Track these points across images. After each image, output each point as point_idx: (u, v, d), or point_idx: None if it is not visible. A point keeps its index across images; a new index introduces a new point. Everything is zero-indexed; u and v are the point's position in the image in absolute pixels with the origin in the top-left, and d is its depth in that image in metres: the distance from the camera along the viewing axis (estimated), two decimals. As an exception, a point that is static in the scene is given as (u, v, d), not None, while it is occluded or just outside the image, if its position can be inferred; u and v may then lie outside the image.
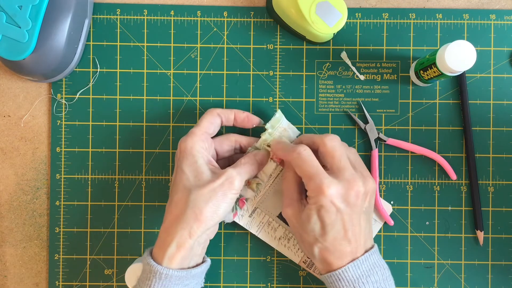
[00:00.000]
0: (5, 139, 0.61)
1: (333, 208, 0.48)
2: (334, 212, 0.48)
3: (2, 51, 0.53)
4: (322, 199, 0.48)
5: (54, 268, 0.60)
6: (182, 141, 0.52)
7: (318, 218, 0.49)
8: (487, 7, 0.61)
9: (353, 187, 0.49)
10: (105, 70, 0.61)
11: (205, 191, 0.49)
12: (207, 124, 0.53)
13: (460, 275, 0.60)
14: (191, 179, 0.50)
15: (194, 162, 0.50)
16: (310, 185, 0.49)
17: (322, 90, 0.61)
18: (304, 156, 0.50)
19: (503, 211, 0.61)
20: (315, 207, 0.49)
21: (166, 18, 0.61)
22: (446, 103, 0.61)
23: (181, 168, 0.51)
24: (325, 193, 0.48)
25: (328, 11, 0.54)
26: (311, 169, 0.49)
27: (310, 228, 0.49)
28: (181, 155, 0.51)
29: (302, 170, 0.50)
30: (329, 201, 0.48)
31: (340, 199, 0.48)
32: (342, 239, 0.49)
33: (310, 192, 0.49)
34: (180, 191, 0.50)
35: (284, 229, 0.58)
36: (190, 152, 0.51)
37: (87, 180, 0.61)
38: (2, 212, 0.61)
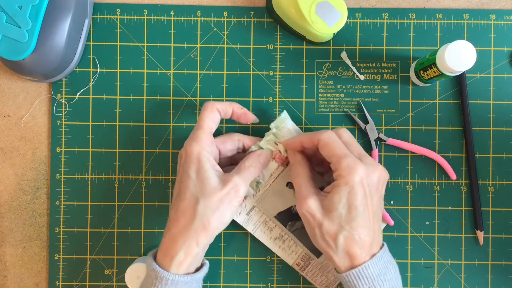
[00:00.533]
0: (5, 139, 0.61)
1: (362, 190, 0.48)
2: (362, 195, 0.48)
3: (2, 51, 0.53)
4: (354, 178, 0.47)
5: (54, 268, 0.60)
6: (188, 146, 0.51)
7: (347, 200, 0.48)
8: (487, 7, 0.61)
9: (375, 171, 0.49)
10: (105, 70, 0.61)
11: (213, 201, 0.49)
12: (210, 123, 0.52)
13: (460, 275, 0.60)
14: (197, 186, 0.49)
15: (200, 167, 0.50)
16: (341, 164, 0.48)
17: (322, 90, 0.61)
18: (334, 137, 0.50)
19: (503, 211, 0.61)
20: (344, 188, 0.48)
21: (166, 18, 0.61)
22: (446, 103, 0.61)
23: (188, 173, 0.50)
24: (357, 171, 0.47)
25: (328, 11, 0.54)
26: (341, 150, 0.49)
27: (337, 214, 0.48)
28: (187, 160, 0.50)
29: (332, 150, 0.49)
30: (360, 181, 0.48)
31: (367, 181, 0.48)
32: (366, 227, 0.48)
33: (341, 171, 0.48)
34: (187, 199, 0.49)
35: (280, 230, 0.58)
36: (197, 158, 0.50)
37: (87, 180, 0.61)
38: (2, 212, 0.61)
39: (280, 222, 0.58)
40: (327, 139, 0.50)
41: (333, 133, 0.51)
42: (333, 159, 0.49)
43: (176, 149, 0.61)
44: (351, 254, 0.48)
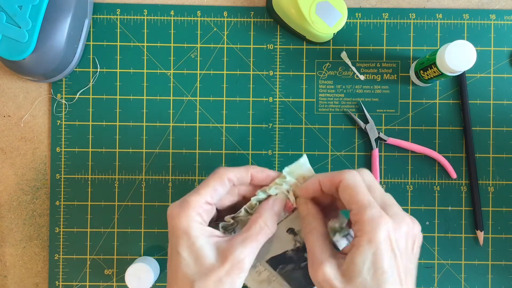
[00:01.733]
0: (5, 139, 0.61)
1: (389, 248, 0.38)
2: (390, 254, 0.38)
3: (2, 51, 0.53)
4: (379, 234, 0.38)
5: (54, 268, 0.60)
6: (174, 216, 0.41)
7: (372, 263, 0.38)
8: (487, 7, 0.61)
9: (402, 224, 0.39)
10: (105, 70, 0.61)
11: (210, 283, 0.40)
12: (210, 191, 0.42)
13: (460, 275, 0.60)
14: (191, 264, 0.40)
15: (192, 244, 0.40)
16: (363, 216, 0.39)
17: (322, 90, 0.61)
18: (359, 180, 0.41)
19: (503, 211, 0.61)
20: (368, 248, 0.38)
21: (166, 18, 0.61)
22: (446, 103, 0.61)
23: (177, 251, 0.41)
24: (383, 226, 0.38)
25: (328, 11, 0.54)
26: (364, 196, 0.40)
27: (361, 281, 0.38)
28: (174, 235, 0.41)
29: (354, 195, 0.40)
30: (386, 238, 0.38)
31: (394, 236, 0.39)
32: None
33: (363, 226, 0.39)
34: (180, 281, 0.41)
35: (268, 273, 0.51)
36: (186, 232, 0.40)
37: (87, 180, 0.61)
38: (2, 212, 0.61)
39: (271, 266, 0.51)
40: (350, 180, 0.41)
41: (358, 174, 0.41)
42: (354, 207, 0.40)
43: (176, 149, 0.61)
44: None
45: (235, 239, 0.41)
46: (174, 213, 0.41)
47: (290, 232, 0.49)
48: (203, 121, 0.61)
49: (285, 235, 0.49)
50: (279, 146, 0.61)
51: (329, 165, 0.60)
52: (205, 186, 0.42)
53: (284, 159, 0.61)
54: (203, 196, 0.42)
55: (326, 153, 0.61)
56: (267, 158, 0.61)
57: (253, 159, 0.61)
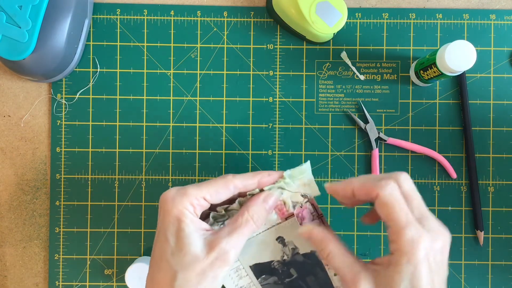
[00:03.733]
0: (5, 139, 0.61)
1: (427, 267, 0.38)
2: (428, 273, 0.38)
3: (2, 51, 0.53)
4: (418, 254, 0.38)
5: (54, 268, 0.60)
6: (167, 199, 0.41)
7: (410, 282, 0.38)
8: (487, 7, 0.61)
9: (439, 239, 0.39)
10: (105, 70, 0.61)
11: (193, 274, 0.39)
12: (211, 190, 0.42)
13: (460, 275, 0.60)
14: (176, 254, 0.40)
15: (180, 230, 0.40)
16: (402, 236, 0.38)
17: (322, 90, 0.61)
18: (397, 195, 0.39)
19: (503, 211, 0.61)
20: (407, 267, 0.38)
21: (166, 18, 0.61)
22: (446, 103, 0.61)
23: (165, 235, 0.40)
24: (422, 245, 0.38)
25: (328, 11, 0.54)
26: (403, 215, 0.39)
27: None
28: (165, 218, 0.41)
29: (393, 214, 0.39)
30: (425, 257, 0.38)
31: (432, 253, 0.39)
32: None
33: (402, 245, 0.38)
34: (164, 270, 0.40)
35: (250, 280, 0.49)
36: (177, 217, 0.40)
37: (87, 180, 0.61)
38: (2, 212, 0.61)
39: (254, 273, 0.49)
40: (388, 197, 0.39)
41: (397, 188, 0.40)
42: (392, 225, 0.39)
43: (176, 149, 0.61)
44: None
45: (221, 231, 0.41)
46: (169, 197, 0.41)
47: (279, 241, 0.48)
48: (203, 121, 0.61)
49: (274, 243, 0.48)
50: (279, 146, 0.61)
51: (329, 165, 0.60)
52: (208, 185, 0.42)
53: (284, 159, 0.61)
54: (203, 192, 0.41)
55: (326, 153, 0.61)
56: (267, 158, 0.61)
57: (253, 159, 0.61)
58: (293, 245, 0.49)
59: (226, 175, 0.43)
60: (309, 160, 0.51)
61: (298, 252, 0.49)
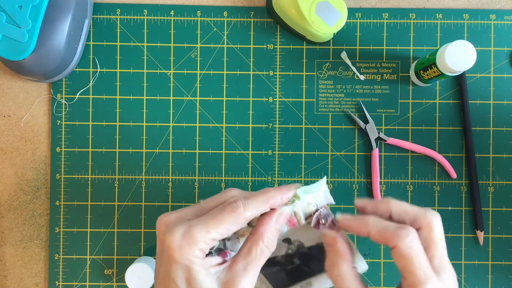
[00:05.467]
0: (5, 139, 0.61)
1: None
2: None
3: (2, 51, 0.53)
4: None
5: (54, 268, 0.60)
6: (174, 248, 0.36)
7: None
8: (487, 7, 0.61)
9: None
10: (105, 70, 0.61)
11: None
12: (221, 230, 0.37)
13: (460, 275, 0.60)
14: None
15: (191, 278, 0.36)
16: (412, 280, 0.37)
17: (322, 90, 0.61)
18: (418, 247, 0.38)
19: (503, 211, 0.61)
20: None
21: (166, 18, 0.61)
22: (446, 103, 0.61)
23: (174, 281, 0.37)
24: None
25: (328, 11, 0.54)
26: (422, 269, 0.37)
27: None
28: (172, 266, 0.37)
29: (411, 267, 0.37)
30: None
31: None
32: None
33: None
34: None
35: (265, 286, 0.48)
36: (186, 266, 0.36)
37: (87, 180, 0.61)
38: (2, 212, 0.61)
39: None
40: (408, 250, 0.37)
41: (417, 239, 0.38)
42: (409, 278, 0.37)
43: (176, 149, 0.61)
44: None
45: (235, 267, 0.38)
46: (175, 245, 0.36)
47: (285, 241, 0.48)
48: (203, 121, 0.61)
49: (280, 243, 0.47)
50: (279, 146, 0.61)
51: (329, 165, 0.60)
52: (217, 223, 0.37)
53: (284, 159, 0.61)
54: (211, 234, 0.37)
55: (326, 153, 0.61)
56: (267, 158, 0.61)
57: (253, 159, 0.61)
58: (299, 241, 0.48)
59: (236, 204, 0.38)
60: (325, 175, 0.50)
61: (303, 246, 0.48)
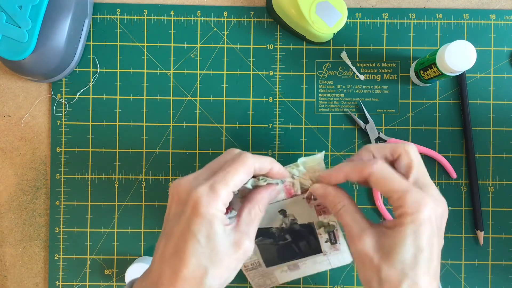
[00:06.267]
0: (5, 139, 0.61)
1: (430, 229, 0.40)
2: (429, 234, 0.40)
3: (2, 51, 0.53)
4: (423, 215, 0.39)
5: (54, 268, 0.61)
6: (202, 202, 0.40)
7: (413, 241, 0.39)
8: (487, 7, 0.61)
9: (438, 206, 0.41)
10: (105, 70, 0.61)
11: (222, 270, 0.41)
12: (237, 181, 0.42)
13: (460, 275, 0.60)
14: (206, 253, 0.41)
15: (212, 233, 0.41)
16: (406, 201, 0.40)
17: (322, 90, 0.61)
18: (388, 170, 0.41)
19: (503, 211, 0.61)
20: (411, 227, 0.40)
21: (166, 18, 0.61)
22: (446, 103, 0.61)
23: (195, 236, 0.40)
24: (426, 207, 0.40)
25: (328, 11, 0.54)
26: (401, 184, 0.41)
27: (400, 258, 0.40)
28: (196, 220, 0.40)
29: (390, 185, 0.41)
30: (429, 218, 0.40)
31: (434, 217, 0.40)
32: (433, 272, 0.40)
33: (407, 209, 0.40)
34: (193, 266, 0.40)
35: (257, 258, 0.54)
36: (210, 221, 0.40)
37: (87, 180, 0.61)
38: (2, 212, 0.61)
39: None
40: (380, 174, 0.41)
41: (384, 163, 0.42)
42: (394, 194, 0.41)
43: (176, 149, 0.61)
44: None
45: (240, 227, 0.43)
46: (204, 201, 0.40)
47: (281, 213, 0.52)
48: (203, 121, 0.61)
49: (275, 214, 0.51)
50: (279, 146, 0.61)
51: (329, 165, 0.60)
52: (233, 176, 0.42)
53: (284, 159, 0.61)
54: (231, 187, 0.41)
55: (326, 153, 0.61)
56: (267, 158, 0.61)
57: (253, 159, 0.61)
58: (293, 216, 0.52)
59: (243, 156, 0.43)
60: (323, 150, 0.54)
61: (296, 222, 0.52)
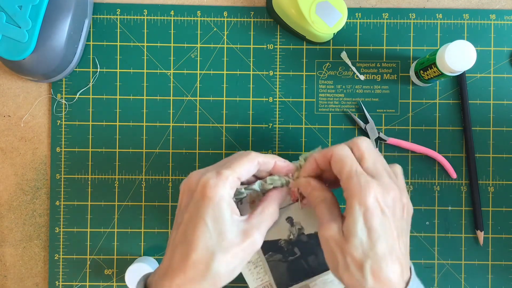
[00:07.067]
0: (5, 139, 0.61)
1: (379, 209, 0.42)
2: (380, 215, 0.42)
3: (2, 51, 0.53)
4: (367, 197, 0.42)
5: (54, 268, 0.60)
6: (210, 184, 0.43)
7: (364, 222, 0.42)
8: (487, 7, 0.61)
9: (389, 191, 0.42)
10: (105, 70, 0.61)
11: (229, 257, 0.43)
12: (243, 170, 0.44)
13: (460, 275, 0.60)
14: (214, 238, 0.42)
15: (220, 216, 0.42)
16: (351, 182, 0.43)
17: (322, 90, 0.61)
18: (346, 152, 0.44)
19: (503, 211, 0.61)
20: (359, 208, 0.42)
21: (166, 18, 0.61)
22: (446, 103, 0.61)
23: (204, 219, 0.42)
24: (370, 190, 0.42)
25: (328, 11, 0.54)
26: (352, 166, 0.43)
27: (357, 240, 0.42)
28: (205, 203, 0.42)
29: (342, 166, 0.44)
30: (375, 200, 0.42)
31: (382, 199, 0.42)
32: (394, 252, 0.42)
33: (352, 191, 0.42)
34: (201, 250, 0.42)
35: (258, 256, 0.55)
36: (218, 203, 0.42)
37: (87, 180, 0.61)
38: (2, 212, 0.61)
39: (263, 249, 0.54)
40: (338, 154, 0.44)
41: (346, 147, 0.45)
42: (343, 176, 0.43)
43: (176, 149, 0.61)
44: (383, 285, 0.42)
45: (252, 220, 0.44)
46: (211, 183, 0.42)
47: (288, 221, 0.54)
48: (203, 121, 0.61)
49: (283, 222, 0.53)
50: (279, 146, 0.61)
51: (329, 165, 0.60)
52: (239, 164, 0.44)
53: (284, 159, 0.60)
54: (237, 173, 0.44)
55: (326, 153, 0.61)
56: (267, 158, 0.61)
57: (253, 159, 0.61)
58: (300, 225, 0.54)
59: (248, 152, 0.46)
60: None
61: (303, 232, 0.54)
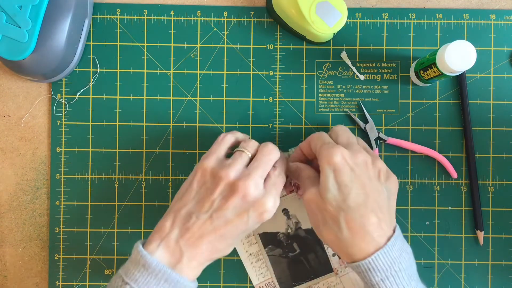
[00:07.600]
0: (5, 139, 0.61)
1: (348, 167, 0.47)
2: (349, 171, 0.47)
3: (2, 51, 0.53)
4: (335, 157, 0.47)
5: (54, 268, 0.60)
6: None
7: (334, 178, 0.47)
8: (487, 7, 0.61)
9: (357, 154, 0.48)
10: (105, 70, 0.61)
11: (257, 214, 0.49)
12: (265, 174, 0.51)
13: (460, 275, 0.60)
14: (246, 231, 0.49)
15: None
16: (322, 150, 0.49)
17: (322, 90, 0.61)
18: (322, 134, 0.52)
19: (503, 211, 0.61)
20: (328, 167, 0.47)
21: (166, 18, 0.61)
22: (446, 103, 0.61)
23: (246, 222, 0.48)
24: (337, 152, 0.47)
25: (328, 11, 0.54)
26: (324, 141, 0.50)
27: (330, 195, 0.47)
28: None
29: (316, 143, 0.51)
30: (342, 159, 0.47)
31: (351, 160, 0.48)
32: (367, 205, 0.47)
33: (322, 156, 0.48)
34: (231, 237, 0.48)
35: (259, 248, 0.57)
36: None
37: (87, 180, 0.61)
38: (2, 212, 0.61)
39: (262, 241, 0.58)
40: (315, 135, 0.52)
41: (323, 132, 0.53)
42: (317, 149, 0.50)
43: (176, 149, 0.61)
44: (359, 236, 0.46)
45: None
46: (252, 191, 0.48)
47: (284, 213, 0.58)
48: (203, 121, 0.61)
49: (280, 214, 0.58)
50: (279, 146, 0.61)
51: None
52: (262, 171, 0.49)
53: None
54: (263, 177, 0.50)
55: (326, 153, 0.61)
56: (267, 158, 0.61)
57: (253, 159, 0.61)
58: (296, 219, 0.58)
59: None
60: None
61: (300, 227, 0.58)
